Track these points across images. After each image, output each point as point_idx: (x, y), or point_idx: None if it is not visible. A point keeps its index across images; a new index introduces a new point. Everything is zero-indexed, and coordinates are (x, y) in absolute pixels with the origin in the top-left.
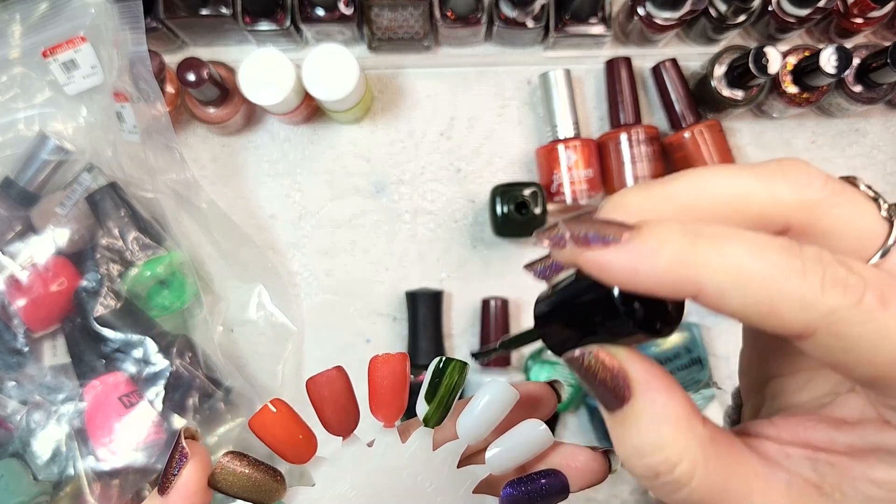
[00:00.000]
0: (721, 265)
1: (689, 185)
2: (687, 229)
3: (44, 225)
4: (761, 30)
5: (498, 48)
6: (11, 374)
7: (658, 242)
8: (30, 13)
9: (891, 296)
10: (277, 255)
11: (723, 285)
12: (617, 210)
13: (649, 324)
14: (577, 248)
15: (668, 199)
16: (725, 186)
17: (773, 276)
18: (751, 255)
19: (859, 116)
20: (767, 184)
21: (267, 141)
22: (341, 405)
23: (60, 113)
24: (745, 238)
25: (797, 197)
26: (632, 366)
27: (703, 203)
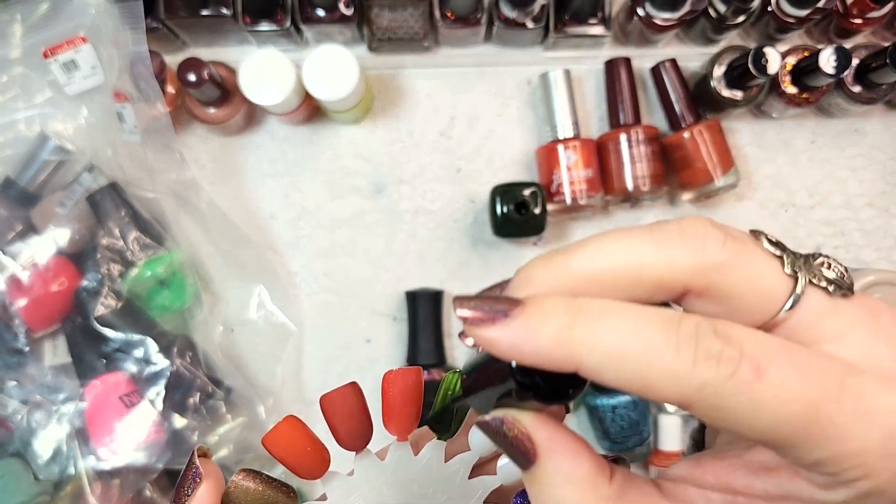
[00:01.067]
0: (596, 344)
1: (588, 255)
2: (570, 305)
3: (44, 225)
4: (761, 30)
5: (498, 48)
6: (12, 374)
7: (539, 320)
8: (30, 13)
9: (767, 365)
10: (277, 255)
11: (599, 363)
12: (521, 283)
13: (550, 392)
14: (468, 326)
15: (567, 272)
16: (623, 255)
17: (646, 353)
18: (626, 333)
19: (859, 117)
20: (664, 250)
21: (267, 141)
22: (355, 421)
23: (61, 113)
24: (624, 314)
25: (694, 262)
26: (536, 431)
27: (601, 273)
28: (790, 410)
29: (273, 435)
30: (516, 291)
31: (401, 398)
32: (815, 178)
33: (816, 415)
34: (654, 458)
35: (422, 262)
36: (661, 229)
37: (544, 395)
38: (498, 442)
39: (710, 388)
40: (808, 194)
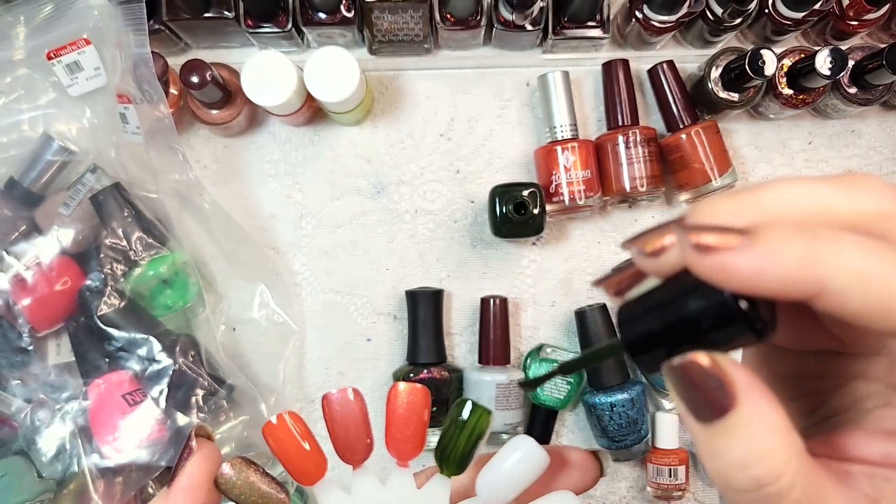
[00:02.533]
0: (843, 264)
1: (776, 193)
2: (804, 231)
3: (48, 225)
4: (758, 32)
5: (497, 50)
6: (16, 373)
7: (780, 243)
8: (34, 15)
9: None
10: (279, 255)
11: (845, 284)
12: (709, 216)
13: (767, 324)
14: (695, 254)
15: (757, 208)
16: (810, 196)
17: (891, 276)
18: (868, 256)
19: (855, 118)
20: (849, 194)
21: (268, 142)
22: (353, 428)
23: (64, 114)
24: (858, 240)
25: (876, 208)
26: (737, 374)
27: (791, 211)
28: None
29: (274, 426)
30: (718, 216)
31: (404, 417)
32: None
33: None
34: (653, 456)
35: (422, 261)
36: (839, 178)
37: (761, 329)
38: (688, 388)
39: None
40: None
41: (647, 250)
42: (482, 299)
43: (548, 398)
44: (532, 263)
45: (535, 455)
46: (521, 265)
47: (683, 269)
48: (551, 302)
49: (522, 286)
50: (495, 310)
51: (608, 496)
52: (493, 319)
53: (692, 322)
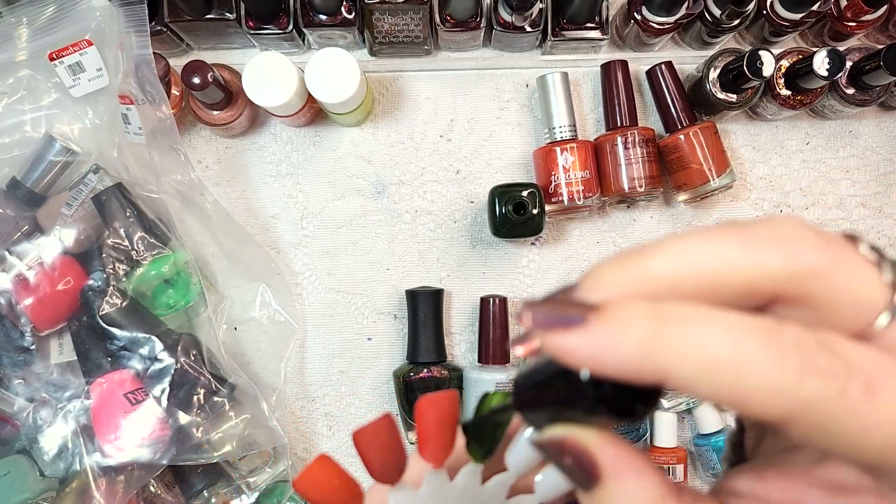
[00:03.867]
0: (688, 353)
1: (667, 257)
2: (654, 311)
3: (50, 225)
4: (756, 33)
5: (496, 52)
6: (18, 372)
7: (621, 326)
8: (36, 17)
9: (878, 382)
10: (280, 255)
11: (690, 374)
12: (591, 287)
13: (622, 406)
14: (541, 332)
15: (644, 275)
16: (707, 258)
17: (745, 365)
18: (721, 341)
19: (852, 118)
20: (755, 253)
21: (270, 143)
22: (391, 455)
23: (66, 115)
24: (717, 321)
25: (788, 268)
26: (600, 451)
27: (682, 277)
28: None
29: (305, 477)
30: (586, 296)
31: (436, 424)
32: (809, 178)
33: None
34: (651, 455)
35: (422, 261)
36: (750, 230)
37: (618, 410)
38: (557, 461)
39: (816, 405)
40: (802, 195)
41: (523, 323)
42: (482, 299)
43: None
44: (531, 263)
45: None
46: (520, 265)
47: None
48: None
49: (522, 286)
50: (495, 309)
51: None
52: (493, 319)
53: (560, 396)
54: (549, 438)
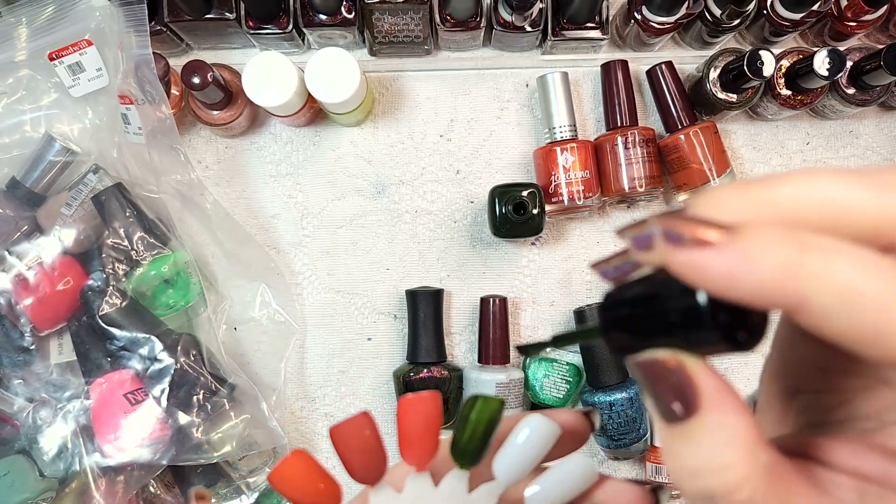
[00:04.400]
0: (831, 281)
1: (794, 188)
2: (794, 237)
3: (50, 225)
4: (756, 33)
5: (496, 52)
6: (18, 372)
7: (762, 248)
8: (36, 16)
9: None
10: (280, 255)
11: (830, 303)
12: (710, 209)
13: (733, 335)
14: (668, 247)
15: (767, 203)
16: (834, 194)
17: (887, 300)
18: (864, 274)
19: (853, 118)
20: (882, 196)
21: (270, 142)
22: (369, 453)
23: (66, 115)
24: (858, 255)
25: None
26: (704, 378)
27: (806, 210)
28: None
29: (280, 470)
30: (713, 217)
31: (419, 427)
32: None
33: None
34: (651, 455)
35: (422, 261)
36: (876, 174)
37: (731, 337)
38: (650, 386)
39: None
40: None
41: (632, 241)
42: (482, 299)
43: (547, 397)
44: (531, 263)
45: (545, 428)
46: (520, 265)
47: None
48: (550, 301)
49: (522, 286)
50: (495, 309)
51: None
52: (493, 319)
53: (664, 320)
54: (649, 359)
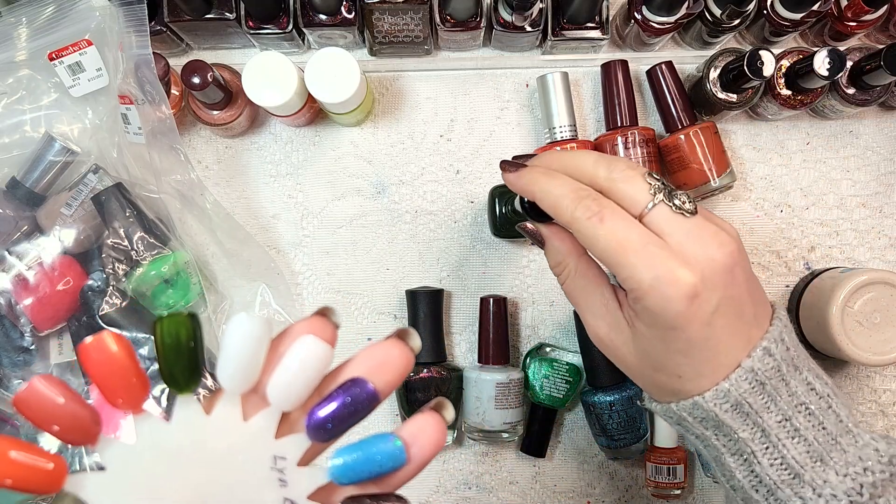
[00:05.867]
0: (541, 186)
1: (556, 158)
2: (538, 171)
3: (50, 225)
4: (756, 33)
5: (496, 52)
6: (18, 372)
7: (526, 173)
8: (36, 16)
9: (608, 218)
10: (280, 255)
11: (540, 195)
12: (532, 160)
13: (535, 214)
14: (502, 172)
15: (546, 160)
16: (574, 163)
17: (561, 195)
18: (555, 185)
19: (853, 118)
20: (596, 169)
21: (270, 143)
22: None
23: (66, 115)
24: (559, 179)
25: (605, 176)
26: (542, 229)
27: (560, 166)
28: (610, 245)
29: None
30: (531, 161)
31: (102, 366)
32: (810, 178)
33: (625, 252)
34: (652, 455)
35: (422, 261)
36: (608, 159)
37: (533, 215)
38: (528, 235)
39: (579, 220)
40: (803, 195)
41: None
42: (481, 298)
43: (547, 397)
44: (531, 263)
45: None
46: (520, 265)
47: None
48: (550, 302)
49: (522, 286)
50: (494, 309)
51: (607, 495)
52: (492, 319)
53: (530, 210)
54: (525, 226)
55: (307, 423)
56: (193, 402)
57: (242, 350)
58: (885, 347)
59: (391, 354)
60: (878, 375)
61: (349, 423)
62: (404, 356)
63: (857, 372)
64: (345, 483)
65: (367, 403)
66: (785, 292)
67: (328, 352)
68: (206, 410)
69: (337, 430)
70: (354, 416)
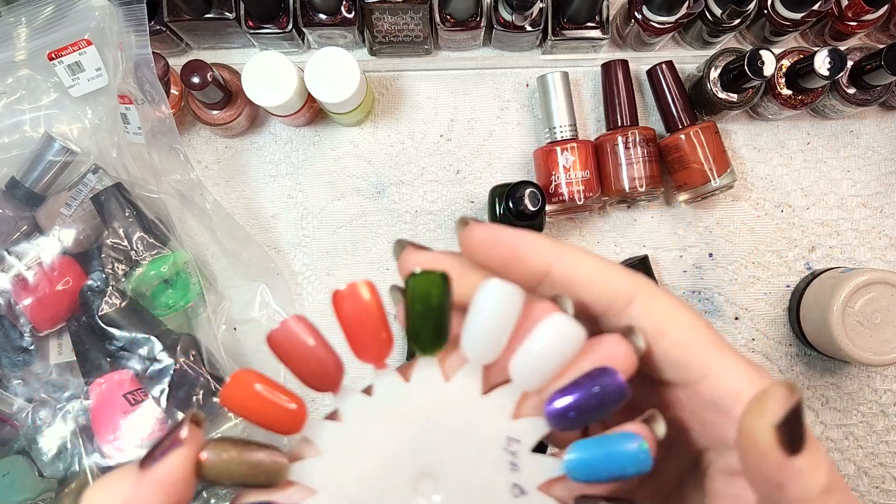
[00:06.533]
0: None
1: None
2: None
3: (49, 225)
4: (756, 33)
5: (496, 52)
6: (17, 372)
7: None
8: (35, 16)
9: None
10: (280, 255)
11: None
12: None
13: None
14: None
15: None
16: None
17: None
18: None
19: (853, 118)
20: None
21: (270, 142)
22: (310, 357)
23: (66, 115)
24: (450, 259)
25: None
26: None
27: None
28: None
29: (231, 390)
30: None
31: (356, 317)
32: (810, 178)
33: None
34: None
35: None
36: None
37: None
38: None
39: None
40: (803, 195)
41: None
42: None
43: None
44: None
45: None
46: None
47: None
48: None
49: None
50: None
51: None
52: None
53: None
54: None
55: (547, 409)
56: (435, 367)
57: (494, 318)
58: (885, 347)
59: (618, 352)
60: (879, 375)
61: (594, 415)
62: (629, 357)
63: (858, 372)
64: (579, 480)
65: (616, 396)
66: (785, 292)
67: (582, 335)
68: (405, 377)
69: (579, 421)
70: (600, 408)
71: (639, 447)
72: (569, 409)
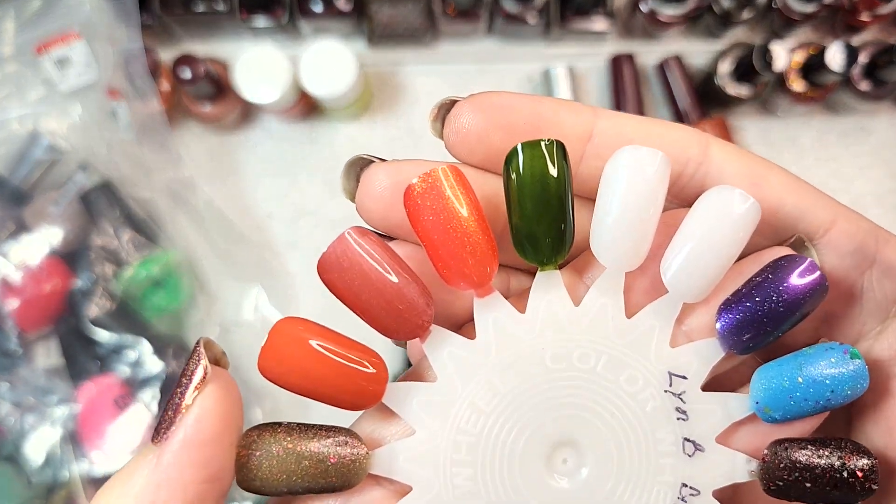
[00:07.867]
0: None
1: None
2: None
3: (37, 224)
4: (766, 26)
5: (499, 45)
6: (4, 376)
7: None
8: (23, 9)
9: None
10: (275, 255)
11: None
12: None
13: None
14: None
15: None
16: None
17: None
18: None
19: (865, 114)
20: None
21: (264, 139)
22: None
23: (54, 111)
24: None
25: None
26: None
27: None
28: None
29: (271, 353)
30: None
31: (443, 230)
32: (822, 176)
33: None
34: None
35: None
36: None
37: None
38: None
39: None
40: None
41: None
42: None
43: None
44: None
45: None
46: None
47: None
48: None
49: None
50: None
51: None
52: None
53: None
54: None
55: (720, 325)
56: (559, 284)
57: (640, 201)
58: None
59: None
60: None
61: (788, 321)
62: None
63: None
64: (775, 419)
65: (816, 292)
66: None
67: (759, 208)
68: (574, 301)
69: (768, 334)
70: (795, 309)
71: (851, 360)
72: (756, 317)
